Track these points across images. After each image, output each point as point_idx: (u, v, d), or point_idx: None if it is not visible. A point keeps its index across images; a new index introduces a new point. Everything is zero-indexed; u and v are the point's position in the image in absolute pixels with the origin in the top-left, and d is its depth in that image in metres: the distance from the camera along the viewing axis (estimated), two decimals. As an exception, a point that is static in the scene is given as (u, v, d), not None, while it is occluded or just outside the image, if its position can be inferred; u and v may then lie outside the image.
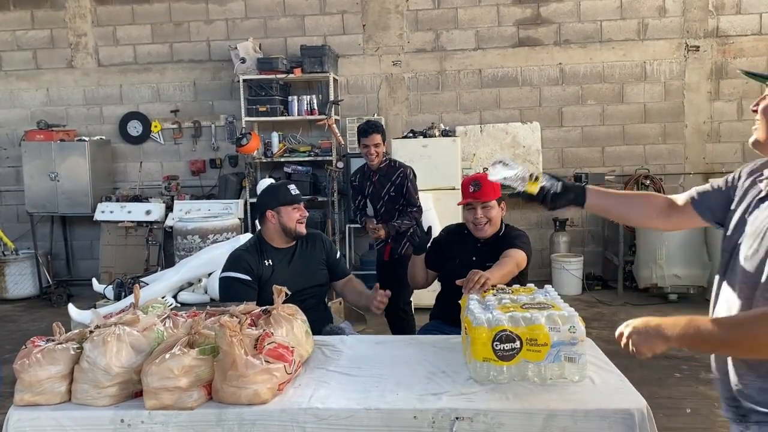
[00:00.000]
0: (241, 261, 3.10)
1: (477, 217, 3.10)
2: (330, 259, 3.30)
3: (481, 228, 3.12)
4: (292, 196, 3.14)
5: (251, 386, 2.05)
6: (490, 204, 3.11)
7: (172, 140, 7.74)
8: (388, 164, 4.72)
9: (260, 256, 3.14)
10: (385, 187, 4.67)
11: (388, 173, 4.68)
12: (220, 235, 5.91)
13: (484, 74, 7.34)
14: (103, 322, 2.27)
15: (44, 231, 7.78)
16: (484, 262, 3.01)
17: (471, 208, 3.13)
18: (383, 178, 4.68)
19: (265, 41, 7.45)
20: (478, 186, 3.09)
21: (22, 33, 7.77)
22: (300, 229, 3.15)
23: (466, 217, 3.18)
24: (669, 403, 3.95)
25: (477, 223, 3.12)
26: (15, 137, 7.80)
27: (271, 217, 3.14)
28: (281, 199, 3.13)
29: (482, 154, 7.18)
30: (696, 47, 7.12)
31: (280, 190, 3.20)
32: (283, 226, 3.13)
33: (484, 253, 3.11)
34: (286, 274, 3.08)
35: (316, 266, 3.25)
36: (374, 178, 4.71)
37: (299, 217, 3.13)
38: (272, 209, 3.13)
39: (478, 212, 3.10)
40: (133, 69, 7.71)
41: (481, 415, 2.00)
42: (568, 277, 6.75)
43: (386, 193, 4.67)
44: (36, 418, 2.09)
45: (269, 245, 3.19)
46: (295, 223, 3.12)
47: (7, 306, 7.15)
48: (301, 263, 3.21)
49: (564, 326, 2.16)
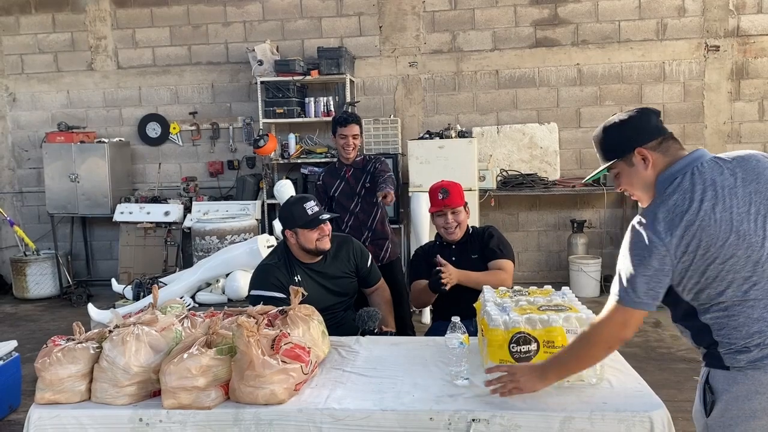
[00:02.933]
0: (271, 277, 3.01)
1: (448, 222, 3.30)
2: (360, 269, 3.23)
3: (452, 231, 3.32)
4: (308, 219, 2.98)
5: (268, 386, 2.06)
6: (458, 209, 3.32)
7: (190, 142, 7.80)
8: (364, 158, 4.41)
9: (289, 272, 3.04)
10: (361, 180, 4.29)
11: (363, 166, 4.33)
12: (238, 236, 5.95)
13: (501, 75, 7.32)
14: (122, 321, 2.30)
15: (64, 232, 7.88)
16: (464, 260, 3.29)
17: (441, 215, 3.32)
18: (358, 171, 4.31)
19: (283, 43, 7.49)
20: (446, 194, 3.30)
21: (43, 36, 7.88)
22: (321, 246, 3.04)
23: (436, 223, 3.37)
24: (688, 406, 3.87)
25: (447, 228, 3.32)
26: (36, 139, 7.91)
27: (290, 236, 3.06)
28: (297, 221, 3.01)
29: (499, 155, 7.15)
30: (716, 47, 7.04)
31: (297, 210, 3.02)
32: (302, 246, 3.04)
33: (462, 252, 3.34)
34: (317, 291, 2.97)
35: (345, 279, 3.18)
36: (348, 174, 4.31)
37: (317, 236, 3.02)
38: (290, 229, 3.05)
39: (449, 218, 3.30)
40: (151, 71, 7.78)
41: (497, 417, 1.99)
42: (586, 279, 6.70)
43: (362, 186, 4.29)
44: (56, 416, 2.12)
45: (296, 259, 3.10)
46: (314, 242, 3.02)
47: (29, 305, 7.24)
48: (331, 279, 3.13)
49: (582, 328, 2.14)
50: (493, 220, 7.21)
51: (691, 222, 1.73)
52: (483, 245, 3.33)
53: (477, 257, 3.30)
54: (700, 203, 1.74)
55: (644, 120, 1.92)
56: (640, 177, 1.90)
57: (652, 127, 1.92)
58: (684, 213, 1.74)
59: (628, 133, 1.91)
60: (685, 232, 1.73)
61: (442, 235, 3.40)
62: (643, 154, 1.88)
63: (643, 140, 1.89)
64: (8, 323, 6.55)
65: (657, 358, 4.78)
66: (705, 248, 1.73)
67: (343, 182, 4.31)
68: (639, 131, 1.91)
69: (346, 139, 4.25)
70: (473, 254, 3.32)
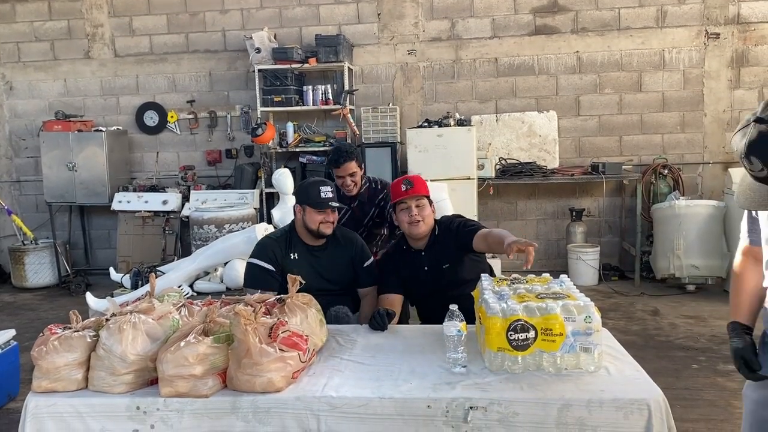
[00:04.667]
0: (267, 250, 3.12)
1: (412, 215, 3.07)
2: (356, 265, 3.24)
3: (416, 225, 3.08)
4: (318, 201, 3.06)
5: (265, 374, 2.06)
6: (423, 202, 3.11)
7: (188, 130, 7.77)
8: (368, 187, 4.02)
9: (287, 248, 3.14)
10: (369, 213, 4.00)
11: (370, 198, 4.00)
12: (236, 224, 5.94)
13: (500, 63, 7.28)
14: (119, 310, 2.29)
15: (63, 220, 7.86)
16: (436, 268, 3.09)
17: (405, 208, 3.10)
18: (365, 205, 4.00)
19: (280, 31, 7.44)
20: (410, 184, 3.10)
21: (39, 24, 7.83)
22: (323, 230, 3.10)
23: (400, 218, 3.14)
24: (686, 394, 3.92)
25: (412, 222, 3.08)
26: (33, 128, 7.88)
27: (298, 211, 3.15)
28: (309, 198, 3.09)
29: (498, 143, 7.13)
30: (716, 34, 7.01)
31: (312, 189, 3.12)
32: (306, 224, 3.12)
33: (432, 258, 3.12)
34: (309, 272, 3.02)
35: (341, 269, 3.20)
36: (354, 205, 3.97)
37: (322, 219, 3.08)
38: (300, 204, 3.13)
39: (413, 210, 3.08)
40: (149, 59, 7.74)
41: (495, 404, 1.99)
42: (585, 267, 6.70)
43: (370, 219, 4.00)
44: (53, 405, 2.12)
45: (299, 239, 3.17)
46: (318, 224, 3.08)
47: (27, 294, 7.24)
48: (327, 264, 3.17)
49: (579, 316, 2.14)
50: (492, 208, 7.21)
51: None
52: (457, 242, 3.07)
53: (449, 266, 3.08)
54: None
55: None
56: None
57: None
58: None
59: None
60: None
61: (407, 233, 3.15)
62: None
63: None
64: (7, 312, 6.55)
65: (655, 346, 4.79)
66: None
67: (350, 212, 3.96)
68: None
69: (344, 179, 3.88)
70: (444, 263, 3.08)
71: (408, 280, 3.17)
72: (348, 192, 3.92)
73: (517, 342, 2.14)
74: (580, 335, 2.13)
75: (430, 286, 3.11)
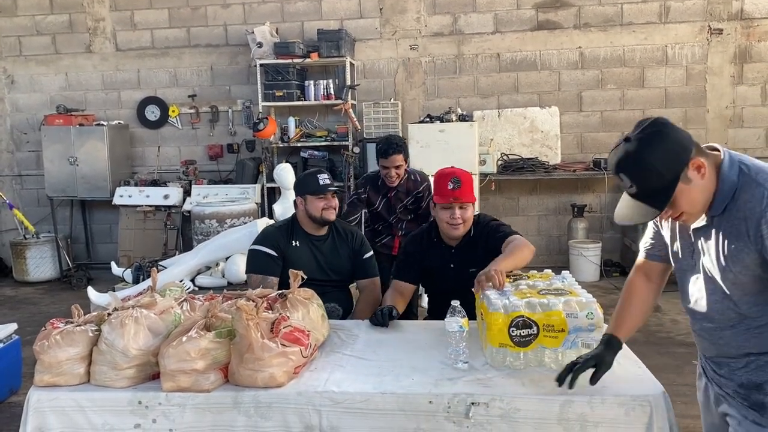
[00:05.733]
0: (270, 237, 3.23)
1: (454, 216, 2.84)
2: (356, 257, 3.29)
3: (455, 228, 2.87)
4: (317, 186, 3.17)
5: (267, 369, 2.06)
6: (468, 205, 2.87)
7: (189, 125, 7.76)
8: (408, 178, 4.17)
9: (289, 236, 3.23)
10: (404, 201, 4.19)
11: (408, 190, 4.18)
12: (237, 219, 5.95)
13: (503, 58, 7.26)
14: (121, 304, 2.29)
15: (64, 215, 7.86)
16: (463, 268, 2.85)
17: (448, 207, 2.85)
18: (402, 194, 4.18)
19: (282, 25, 7.43)
20: (458, 184, 2.82)
21: (41, 18, 7.81)
22: (326, 216, 3.18)
23: (439, 215, 2.90)
24: (687, 390, 3.88)
25: (452, 223, 2.86)
26: (35, 122, 7.87)
27: (299, 203, 3.24)
28: (308, 188, 3.19)
29: (500, 139, 7.12)
30: (719, 30, 6.98)
31: (309, 179, 3.25)
32: (309, 213, 3.20)
33: (461, 258, 2.91)
34: (309, 260, 3.14)
35: (341, 261, 3.27)
36: (390, 194, 4.19)
37: (324, 205, 3.17)
38: (300, 196, 3.22)
39: (456, 212, 2.83)
40: (150, 54, 7.72)
41: (497, 400, 1.99)
42: (586, 263, 6.70)
43: (403, 206, 4.21)
44: (55, 399, 2.12)
45: (301, 229, 3.26)
46: (320, 211, 3.17)
47: (29, 288, 7.25)
48: (328, 254, 3.25)
49: (582, 312, 2.14)
50: (494, 204, 7.20)
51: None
52: (486, 247, 2.85)
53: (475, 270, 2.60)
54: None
55: (677, 131, 1.66)
56: (701, 190, 1.66)
57: (685, 134, 1.67)
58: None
59: (675, 149, 1.63)
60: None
61: (444, 230, 2.94)
62: (696, 164, 1.63)
63: (689, 152, 1.64)
64: (8, 306, 6.56)
65: (657, 343, 4.79)
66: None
67: (385, 199, 4.21)
68: (681, 144, 1.64)
69: (388, 170, 4.05)
70: (472, 267, 2.71)
71: (430, 273, 3.04)
72: (390, 183, 4.09)
73: (519, 338, 2.14)
74: (582, 331, 2.13)
75: (452, 284, 2.85)
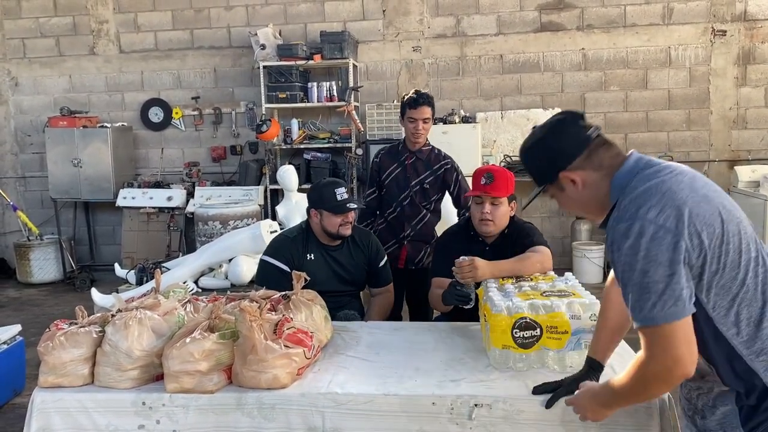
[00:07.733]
0: (284, 249, 3.09)
1: (484, 212, 2.83)
2: (371, 266, 3.22)
3: (485, 224, 2.86)
4: (335, 204, 3.02)
5: (271, 370, 2.06)
6: (500, 200, 2.84)
7: (193, 127, 7.78)
8: (431, 150, 3.84)
9: (304, 248, 3.10)
10: (421, 176, 3.77)
11: (429, 159, 3.80)
12: (241, 221, 5.94)
13: (506, 60, 7.26)
14: (125, 306, 2.29)
15: (68, 216, 7.88)
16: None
17: (479, 202, 2.86)
18: (421, 163, 3.79)
19: (285, 27, 7.44)
20: (490, 178, 2.80)
21: (45, 20, 7.84)
22: (342, 232, 3.06)
23: (472, 210, 2.93)
24: (691, 392, 3.90)
25: (482, 219, 2.86)
26: (39, 124, 7.89)
27: (314, 215, 3.10)
28: (325, 204, 3.04)
29: (503, 141, 7.12)
30: (723, 32, 6.98)
31: (327, 192, 3.05)
32: (324, 228, 3.08)
33: (494, 257, 2.78)
34: (327, 275, 3.04)
35: (357, 271, 3.19)
36: (408, 161, 3.79)
37: (341, 221, 3.04)
38: (316, 209, 3.09)
39: (486, 207, 2.83)
40: (154, 56, 7.74)
41: (500, 402, 1.99)
42: (589, 265, 6.70)
43: (419, 182, 3.77)
44: (59, 400, 2.12)
45: (315, 238, 3.14)
46: (337, 227, 3.05)
47: (32, 290, 7.27)
48: (343, 265, 3.15)
49: (585, 314, 2.14)
50: (497, 205, 7.18)
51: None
52: (513, 252, 2.77)
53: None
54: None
55: (560, 137, 1.67)
56: (580, 200, 1.69)
57: (572, 143, 1.65)
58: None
59: (547, 156, 1.68)
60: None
61: (476, 226, 2.92)
62: (569, 177, 1.65)
63: (563, 162, 1.65)
64: (12, 308, 6.57)
65: (660, 344, 4.76)
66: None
67: (400, 168, 3.80)
68: (557, 153, 1.66)
69: (416, 123, 3.68)
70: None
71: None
72: (415, 138, 3.74)
73: (522, 340, 2.14)
74: (585, 333, 2.13)
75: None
